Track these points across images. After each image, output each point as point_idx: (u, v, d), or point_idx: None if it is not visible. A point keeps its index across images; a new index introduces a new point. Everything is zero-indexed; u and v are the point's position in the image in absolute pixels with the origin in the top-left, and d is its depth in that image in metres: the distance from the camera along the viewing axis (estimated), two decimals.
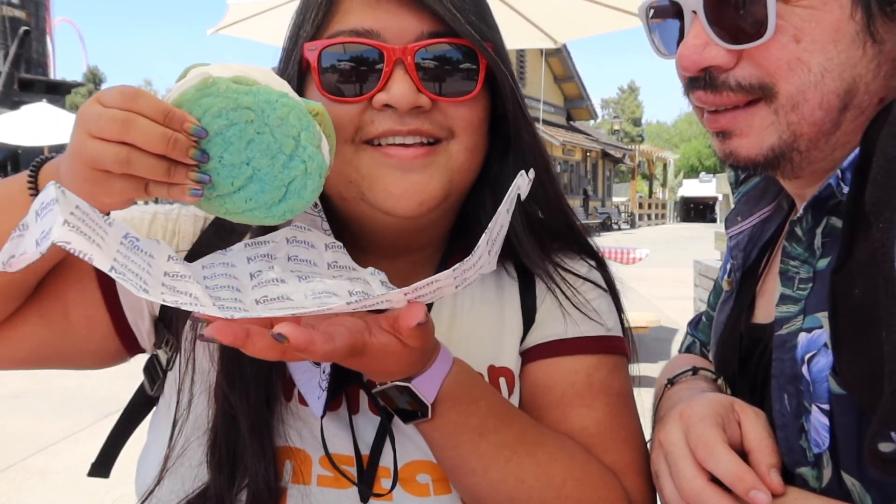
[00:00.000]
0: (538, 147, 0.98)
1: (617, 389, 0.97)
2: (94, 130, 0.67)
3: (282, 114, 0.72)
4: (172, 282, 0.71)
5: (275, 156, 0.73)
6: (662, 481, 0.82)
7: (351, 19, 0.87)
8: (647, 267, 11.30)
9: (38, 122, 16.28)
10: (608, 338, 0.98)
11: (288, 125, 0.72)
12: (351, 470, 0.88)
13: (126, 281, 0.64)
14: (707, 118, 0.85)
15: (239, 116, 0.72)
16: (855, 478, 0.72)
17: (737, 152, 0.82)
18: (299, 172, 0.73)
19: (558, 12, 5.92)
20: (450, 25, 0.85)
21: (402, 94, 0.83)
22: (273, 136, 0.72)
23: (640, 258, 6.98)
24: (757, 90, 0.78)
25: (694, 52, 0.79)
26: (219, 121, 0.72)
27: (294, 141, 0.73)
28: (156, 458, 0.91)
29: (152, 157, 0.67)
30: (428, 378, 0.78)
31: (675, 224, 41.96)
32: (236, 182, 0.73)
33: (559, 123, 35.22)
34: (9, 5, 23.96)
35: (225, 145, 0.72)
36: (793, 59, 0.75)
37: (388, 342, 0.72)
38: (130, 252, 0.69)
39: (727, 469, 0.75)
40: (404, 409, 0.80)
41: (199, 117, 0.71)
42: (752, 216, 1.04)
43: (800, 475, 0.77)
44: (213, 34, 5.93)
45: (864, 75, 0.76)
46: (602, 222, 32.34)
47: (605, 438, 0.93)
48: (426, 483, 0.88)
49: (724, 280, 1.08)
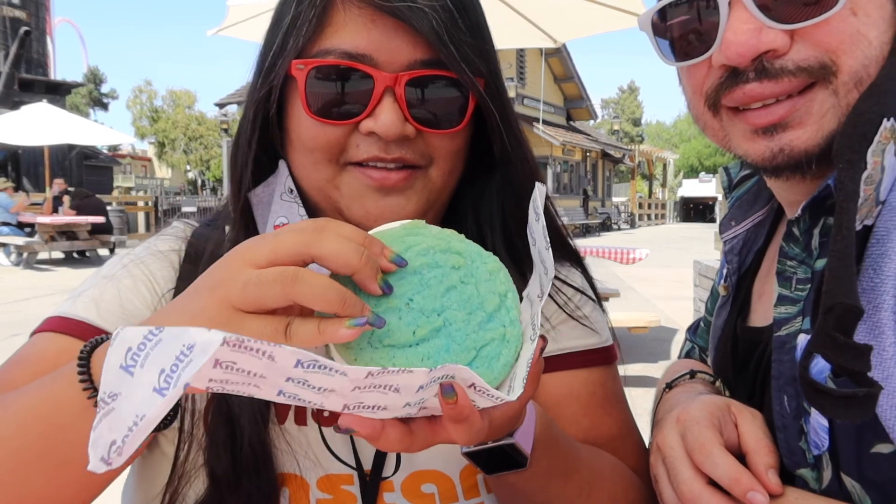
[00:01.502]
0: (527, 163, 0.96)
1: (622, 396, 1.01)
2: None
3: (492, 268, 0.64)
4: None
5: (473, 311, 0.61)
6: (661, 485, 0.82)
7: (344, 37, 0.83)
8: (647, 267, 11.30)
9: (38, 122, 16.30)
10: (609, 347, 1.00)
11: (497, 281, 0.64)
12: (351, 490, 0.85)
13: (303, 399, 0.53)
14: (751, 115, 0.78)
15: (446, 260, 0.62)
16: (855, 479, 0.72)
17: (793, 145, 0.76)
18: (496, 336, 0.62)
19: (558, 12, 5.92)
20: (450, 58, 0.83)
21: (389, 123, 0.82)
22: (477, 290, 0.62)
23: (640, 258, 6.97)
24: (816, 71, 0.74)
25: (750, 36, 0.73)
26: (422, 258, 0.61)
27: (499, 299, 0.63)
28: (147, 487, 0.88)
29: (325, 286, 0.54)
30: (525, 428, 0.74)
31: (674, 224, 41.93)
32: (419, 332, 0.59)
33: (559, 123, 35.21)
34: (9, 5, 23.95)
35: (420, 287, 0.60)
36: (854, 32, 0.73)
37: (508, 407, 0.64)
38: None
39: (724, 472, 0.75)
40: (498, 464, 0.74)
41: (401, 252, 0.61)
42: (745, 220, 1.04)
43: (800, 476, 0.77)
44: (213, 35, 5.93)
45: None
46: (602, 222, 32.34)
47: (627, 443, 0.96)
48: (431, 493, 0.87)
49: (721, 285, 1.08)
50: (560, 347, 0.96)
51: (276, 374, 0.50)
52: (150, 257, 0.94)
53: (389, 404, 0.56)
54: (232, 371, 0.49)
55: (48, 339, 0.84)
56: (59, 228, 14.34)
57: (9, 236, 14.62)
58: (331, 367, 0.50)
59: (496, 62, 0.92)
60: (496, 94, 0.90)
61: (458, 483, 0.87)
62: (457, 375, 0.56)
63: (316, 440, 0.86)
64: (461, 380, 0.56)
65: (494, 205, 0.96)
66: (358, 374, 0.51)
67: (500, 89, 0.92)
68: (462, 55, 0.84)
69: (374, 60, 0.83)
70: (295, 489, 0.85)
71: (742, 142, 0.81)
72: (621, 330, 6.15)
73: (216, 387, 0.51)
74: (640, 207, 41.01)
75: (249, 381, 0.50)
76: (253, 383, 0.51)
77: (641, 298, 10.33)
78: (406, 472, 0.87)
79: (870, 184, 0.70)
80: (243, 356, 0.48)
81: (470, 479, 0.88)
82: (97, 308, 0.86)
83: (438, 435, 0.61)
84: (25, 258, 14.13)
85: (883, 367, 0.67)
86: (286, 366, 0.49)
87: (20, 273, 13.45)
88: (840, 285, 0.64)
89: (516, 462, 0.75)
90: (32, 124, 16.20)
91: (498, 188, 0.95)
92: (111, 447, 0.47)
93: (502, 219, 0.95)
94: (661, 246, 19.41)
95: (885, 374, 0.67)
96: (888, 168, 0.71)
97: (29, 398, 0.66)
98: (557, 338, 0.96)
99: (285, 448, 0.85)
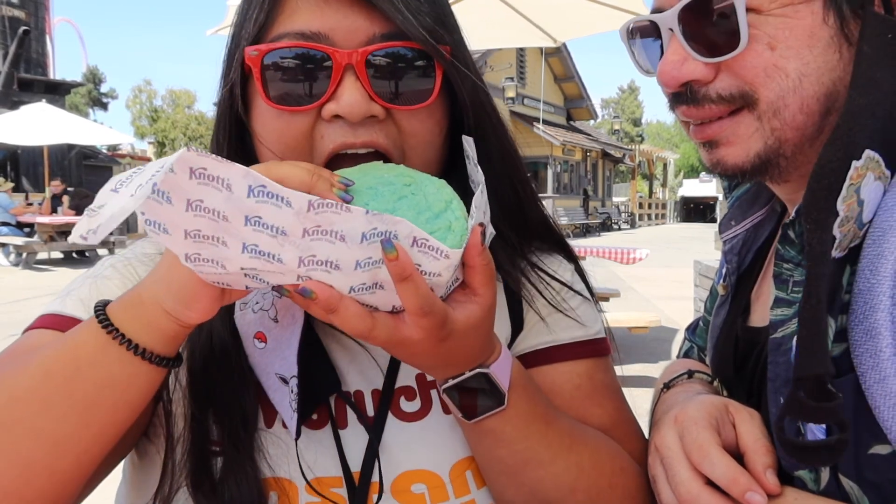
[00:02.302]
0: (508, 149, 0.95)
1: (615, 387, 0.99)
2: None
3: (439, 185, 0.72)
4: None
5: (421, 212, 0.69)
6: (659, 486, 0.82)
7: (297, 20, 0.80)
8: (647, 267, 11.30)
9: (38, 122, 16.30)
10: (598, 340, 0.98)
11: (443, 193, 0.71)
12: (340, 492, 0.84)
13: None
14: (693, 130, 0.86)
15: (398, 179, 0.70)
16: (852, 480, 0.72)
17: (724, 161, 0.83)
18: (442, 226, 0.68)
19: (558, 12, 5.93)
20: (408, 26, 0.79)
21: (353, 102, 0.78)
22: (426, 199, 0.70)
23: (640, 258, 6.97)
24: (738, 99, 0.79)
25: (672, 67, 0.81)
26: (377, 179, 0.70)
27: (445, 204, 0.70)
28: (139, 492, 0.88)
29: (299, 169, 0.66)
30: (500, 364, 0.77)
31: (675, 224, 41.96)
32: None
33: (559, 123, 35.21)
34: (8, 5, 23.95)
35: (374, 196, 0.69)
36: (769, 65, 0.77)
37: (469, 312, 0.70)
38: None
39: (722, 472, 0.75)
40: (478, 401, 0.77)
41: (357, 177, 0.70)
42: (745, 220, 1.05)
43: (798, 477, 0.77)
44: (213, 35, 5.93)
45: (843, 78, 0.77)
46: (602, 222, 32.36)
47: (620, 432, 0.95)
48: (421, 493, 0.86)
49: (720, 284, 1.08)
50: (543, 342, 0.95)
51: (237, 211, 0.59)
52: (136, 259, 0.95)
53: (341, 260, 0.63)
54: (200, 213, 0.59)
55: (40, 334, 0.84)
56: (59, 228, 14.34)
57: (8, 236, 14.63)
58: (277, 193, 0.59)
59: (459, 32, 0.89)
60: (463, 63, 0.85)
61: (448, 482, 0.87)
62: (398, 231, 0.63)
63: (304, 444, 0.85)
64: (403, 237, 0.63)
65: None
66: (301, 202, 0.59)
67: (467, 59, 0.88)
68: (420, 22, 0.80)
69: (331, 40, 0.79)
70: (283, 493, 0.84)
71: (698, 148, 0.89)
72: (621, 330, 6.14)
73: (192, 251, 0.61)
74: (641, 207, 41.04)
75: (216, 232, 0.60)
76: (220, 237, 0.60)
77: (641, 298, 10.34)
78: (395, 472, 0.86)
79: (846, 223, 0.72)
80: (206, 189, 0.58)
81: (460, 476, 0.87)
82: (84, 306, 0.86)
83: (400, 328, 0.67)
84: (25, 258, 14.13)
85: (879, 369, 0.67)
86: (241, 195, 0.58)
87: (19, 273, 13.46)
88: (810, 357, 0.68)
89: (494, 398, 0.77)
90: (32, 124, 16.20)
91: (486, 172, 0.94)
92: (89, 230, 0.58)
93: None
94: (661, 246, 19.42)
95: (882, 376, 0.67)
96: (867, 199, 0.73)
97: (50, 350, 0.70)
98: (542, 332, 0.96)
99: (273, 452, 0.85)
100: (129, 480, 0.92)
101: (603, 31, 6.11)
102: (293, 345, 0.80)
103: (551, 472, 0.82)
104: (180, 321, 0.69)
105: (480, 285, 0.70)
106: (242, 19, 0.85)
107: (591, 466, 0.85)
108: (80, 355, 0.69)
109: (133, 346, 0.68)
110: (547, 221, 1.03)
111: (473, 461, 0.87)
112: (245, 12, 0.85)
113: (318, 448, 0.86)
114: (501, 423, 0.79)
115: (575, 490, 0.84)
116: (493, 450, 0.82)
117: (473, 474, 0.88)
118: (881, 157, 0.72)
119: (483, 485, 0.88)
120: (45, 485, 0.68)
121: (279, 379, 0.82)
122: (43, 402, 0.68)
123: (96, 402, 0.68)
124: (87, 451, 0.70)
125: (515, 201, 0.97)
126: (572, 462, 0.83)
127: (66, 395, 0.68)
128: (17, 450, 0.67)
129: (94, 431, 0.69)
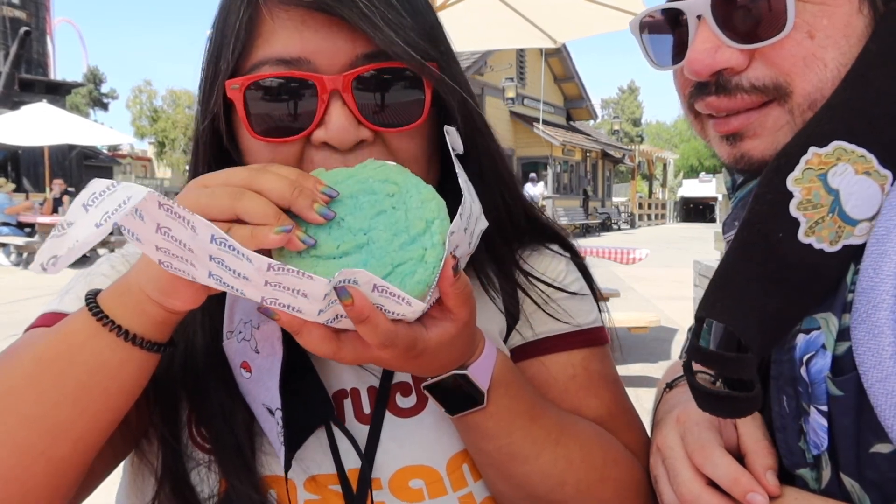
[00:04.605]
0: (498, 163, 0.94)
1: (613, 376, 0.99)
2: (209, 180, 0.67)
3: (425, 197, 0.68)
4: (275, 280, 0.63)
5: (398, 233, 0.66)
6: (661, 486, 0.82)
7: (275, 45, 0.77)
8: (647, 267, 11.30)
9: (38, 122, 16.32)
10: (594, 329, 0.98)
11: (426, 209, 0.67)
12: (338, 489, 0.85)
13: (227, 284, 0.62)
14: (715, 123, 0.83)
15: (382, 188, 0.68)
16: (854, 479, 0.72)
17: (750, 154, 0.80)
18: (415, 256, 0.66)
19: (558, 12, 5.93)
20: (390, 45, 0.75)
21: (340, 128, 0.76)
22: (406, 216, 0.67)
23: (640, 258, 6.96)
24: (771, 91, 0.77)
25: (706, 55, 0.77)
26: (360, 185, 0.68)
27: (425, 224, 0.67)
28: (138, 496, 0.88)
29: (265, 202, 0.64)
30: (481, 364, 0.77)
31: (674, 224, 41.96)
32: (343, 246, 0.66)
33: (559, 123, 35.22)
34: (9, 5, 23.96)
35: (354, 209, 0.67)
36: (808, 55, 0.74)
37: (443, 331, 0.70)
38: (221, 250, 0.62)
39: (723, 473, 0.75)
40: (457, 400, 0.78)
41: (342, 180, 0.68)
42: None
43: (799, 476, 0.77)
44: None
45: None
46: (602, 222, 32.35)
47: (617, 423, 0.94)
48: (419, 488, 0.86)
49: None
50: (537, 332, 0.95)
51: (201, 249, 0.59)
52: (134, 256, 0.95)
53: (304, 308, 0.62)
54: (169, 238, 0.59)
55: (40, 333, 0.84)
56: None
57: (9, 236, 14.63)
58: (238, 249, 0.58)
59: (446, 42, 0.86)
60: (451, 77, 0.82)
61: (446, 475, 0.87)
62: (358, 279, 0.62)
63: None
64: (363, 283, 0.62)
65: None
66: (261, 263, 0.58)
67: (455, 72, 0.85)
68: (404, 38, 0.76)
69: (313, 64, 0.76)
70: (282, 491, 0.84)
71: (715, 144, 0.85)
72: (621, 330, 6.15)
73: (164, 258, 0.61)
74: (641, 207, 41.03)
75: (184, 254, 0.60)
76: (188, 259, 0.60)
77: (641, 298, 10.33)
78: (393, 468, 0.86)
79: (812, 208, 0.72)
80: (174, 223, 0.58)
81: (457, 470, 0.87)
82: (81, 303, 0.87)
83: (367, 349, 0.67)
84: (25, 258, 14.13)
85: (881, 368, 0.67)
86: (204, 239, 0.58)
87: (20, 273, 13.45)
88: (711, 300, 0.72)
89: (473, 398, 0.77)
90: (32, 124, 16.21)
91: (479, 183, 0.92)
92: (50, 259, 0.58)
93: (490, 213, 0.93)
94: (661, 246, 19.41)
95: (883, 375, 0.67)
96: (846, 192, 0.72)
97: (42, 340, 0.72)
98: (535, 323, 0.95)
99: (269, 451, 0.85)
100: (128, 482, 0.92)
101: (602, 31, 6.12)
102: (274, 376, 0.80)
103: (537, 466, 0.82)
104: (166, 308, 0.69)
105: (455, 306, 0.70)
106: (219, 47, 0.82)
107: (580, 460, 0.84)
108: (72, 343, 0.70)
109: (123, 332, 0.69)
110: (539, 220, 1.02)
111: (469, 454, 0.88)
112: (220, 40, 0.81)
113: (316, 446, 0.86)
114: (483, 419, 0.79)
115: (564, 483, 0.84)
116: (478, 443, 0.83)
117: (470, 467, 0.88)
118: (872, 155, 0.72)
119: (479, 477, 0.88)
120: (43, 471, 0.69)
121: (266, 409, 0.82)
122: (36, 389, 0.68)
123: (89, 388, 0.69)
124: (82, 437, 0.70)
125: (506, 214, 0.96)
126: (560, 455, 0.83)
127: (59, 383, 0.68)
128: (13, 437, 0.67)
129: (88, 418, 0.70)
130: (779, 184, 0.72)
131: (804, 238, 0.72)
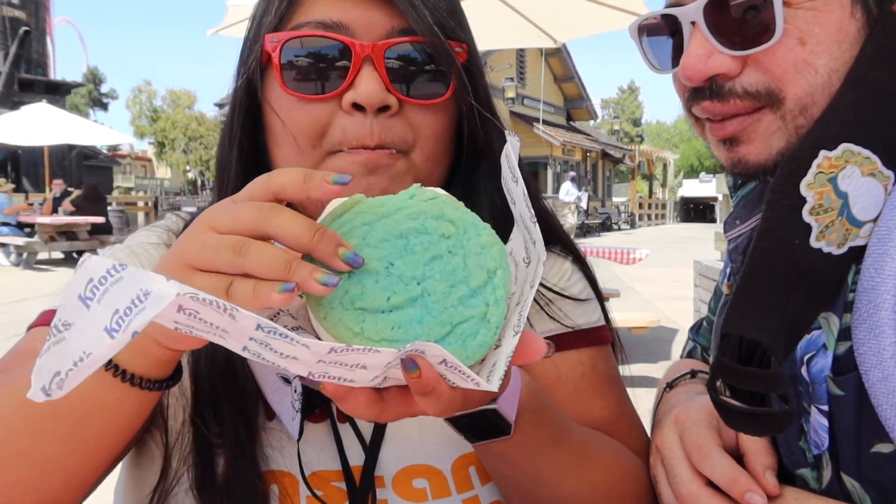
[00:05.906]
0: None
1: (617, 377, 0.99)
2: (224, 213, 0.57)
3: (486, 242, 0.59)
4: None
5: (456, 285, 0.57)
6: (660, 486, 0.82)
7: (317, 11, 0.82)
8: (647, 267, 11.29)
9: (38, 122, 16.32)
10: (599, 328, 0.99)
11: (487, 256, 0.58)
12: (341, 486, 0.84)
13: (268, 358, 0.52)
14: (711, 127, 0.84)
15: (437, 227, 0.58)
16: (854, 479, 0.72)
17: (746, 159, 0.81)
18: (477, 314, 0.57)
19: (558, 12, 5.92)
20: (420, 24, 0.81)
21: (371, 90, 0.79)
22: (465, 262, 0.58)
23: (640, 258, 6.96)
24: (763, 97, 0.78)
25: (698, 61, 0.78)
26: (411, 222, 0.57)
27: (487, 276, 0.58)
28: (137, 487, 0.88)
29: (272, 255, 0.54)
30: (508, 396, 0.71)
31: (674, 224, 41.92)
32: (394, 299, 0.56)
33: (559, 123, 35.23)
34: (9, 5, 23.97)
35: (404, 252, 0.57)
36: (799, 61, 0.75)
37: None
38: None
39: (722, 473, 0.75)
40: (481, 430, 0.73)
41: (390, 213, 0.57)
42: (750, 219, 1.04)
43: (800, 476, 0.77)
44: (212, 35, 5.93)
45: None
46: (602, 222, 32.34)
47: (622, 425, 0.94)
48: (423, 488, 0.86)
49: (725, 284, 1.08)
50: (546, 329, 0.94)
51: (239, 332, 0.49)
52: (139, 248, 0.95)
53: (357, 379, 0.55)
54: (195, 319, 0.48)
55: (43, 331, 0.84)
56: (59, 229, 14.33)
57: (9, 236, 14.62)
58: (293, 337, 0.49)
59: (471, 34, 0.91)
60: (475, 64, 0.87)
61: (450, 477, 0.86)
62: (427, 352, 0.53)
63: (305, 438, 0.85)
64: (431, 356, 0.53)
65: (484, 199, 0.93)
66: (321, 349, 0.49)
67: (479, 65, 0.89)
68: (437, 20, 0.82)
69: (351, 31, 0.81)
70: (285, 486, 0.84)
71: (714, 147, 0.87)
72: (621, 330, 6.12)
73: (183, 328, 0.50)
74: (641, 207, 40.99)
75: (214, 332, 0.50)
76: (218, 335, 0.50)
77: (641, 298, 10.33)
78: (396, 467, 0.86)
79: (823, 213, 0.72)
80: (205, 308, 0.47)
81: (462, 472, 0.87)
82: None
83: (412, 406, 0.59)
84: (25, 258, 14.13)
85: (882, 367, 0.67)
86: (247, 326, 0.48)
87: (20, 273, 13.46)
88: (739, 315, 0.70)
89: (500, 429, 0.72)
90: (32, 124, 16.21)
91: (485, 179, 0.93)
92: (54, 378, 0.46)
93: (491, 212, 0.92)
94: (661, 246, 19.41)
95: (885, 374, 0.67)
96: (855, 194, 0.72)
97: None
98: (544, 320, 0.95)
99: (275, 445, 0.85)
100: (128, 474, 0.92)
101: (603, 31, 6.11)
102: None
103: (561, 492, 0.81)
104: (173, 349, 0.64)
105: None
106: (263, 10, 0.86)
107: (602, 482, 0.84)
108: None
109: (121, 373, 0.64)
110: (548, 222, 1.01)
111: (478, 457, 0.87)
112: (266, 3, 0.86)
113: (319, 442, 0.86)
114: (506, 448, 0.75)
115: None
116: (501, 469, 0.81)
117: (478, 470, 0.88)
118: (876, 156, 0.72)
119: (488, 481, 0.88)
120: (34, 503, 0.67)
121: (281, 379, 0.81)
122: (27, 423, 0.66)
123: (83, 426, 0.66)
124: (75, 473, 0.69)
125: None
126: (583, 480, 0.82)
127: (50, 419, 0.66)
128: (2, 470, 0.66)
129: (81, 456, 0.68)
130: (792, 189, 0.72)
131: (815, 243, 0.72)
